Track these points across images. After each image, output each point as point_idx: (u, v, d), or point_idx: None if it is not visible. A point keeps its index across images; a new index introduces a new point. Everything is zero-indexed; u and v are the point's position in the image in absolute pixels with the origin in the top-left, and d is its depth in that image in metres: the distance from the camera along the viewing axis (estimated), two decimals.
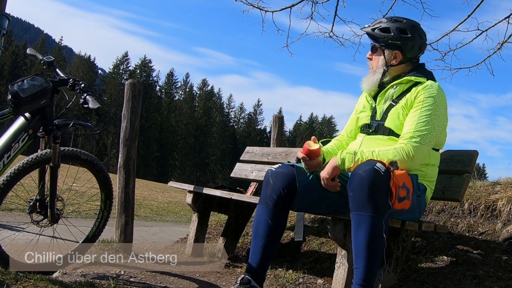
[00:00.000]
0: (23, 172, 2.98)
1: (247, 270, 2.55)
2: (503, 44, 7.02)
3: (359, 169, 2.33)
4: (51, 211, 3.12)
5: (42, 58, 3.10)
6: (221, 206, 4.27)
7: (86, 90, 2.97)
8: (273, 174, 2.64)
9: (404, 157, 2.48)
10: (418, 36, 2.79)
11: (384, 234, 2.29)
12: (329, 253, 3.83)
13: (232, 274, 3.57)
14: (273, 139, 6.05)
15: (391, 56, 2.80)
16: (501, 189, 4.00)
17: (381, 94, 2.84)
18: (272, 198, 2.58)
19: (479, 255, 3.23)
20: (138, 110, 4.10)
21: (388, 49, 2.80)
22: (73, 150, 3.24)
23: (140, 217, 8.98)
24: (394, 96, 2.76)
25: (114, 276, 3.20)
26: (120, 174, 4.05)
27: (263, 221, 2.57)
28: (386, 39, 2.78)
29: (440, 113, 2.62)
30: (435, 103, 2.61)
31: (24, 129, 2.86)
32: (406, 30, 2.77)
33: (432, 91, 2.64)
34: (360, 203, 2.29)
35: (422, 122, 2.56)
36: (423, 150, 2.54)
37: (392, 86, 2.79)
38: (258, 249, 2.55)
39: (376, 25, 2.85)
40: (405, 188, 2.38)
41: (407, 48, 2.77)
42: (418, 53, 2.83)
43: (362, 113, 2.94)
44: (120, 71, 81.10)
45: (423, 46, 2.86)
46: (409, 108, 2.66)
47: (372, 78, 2.85)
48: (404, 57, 2.79)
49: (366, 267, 2.26)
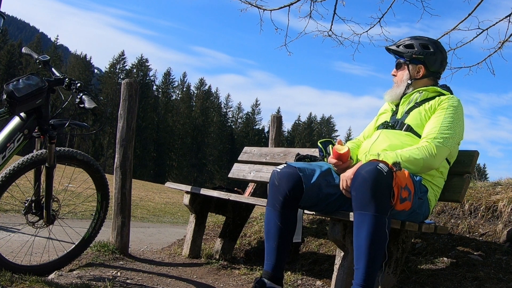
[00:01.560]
0: (19, 173, 2.98)
1: (264, 271, 2.61)
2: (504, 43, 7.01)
3: (362, 169, 2.35)
4: (47, 212, 3.11)
5: (38, 57, 3.09)
6: (218, 207, 4.24)
7: (82, 89, 2.96)
8: (278, 176, 2.67)
9: (427, 155, 2.60)
10: (440, 51, 2.99)
11: (387, 230, 2.30)
12: (328, 255, 3.81)
13: (230, 275, 3.54)
14: (271, 139, 6.04)
15: (415, 70, 3.00)
16: (502, 190, 3.99)
17: (406, 97, 2.99)
18: (279, 200, 2.62)
19: (480, 257, 3.22)
20: (134, 110, 4.08)
21: (412, 64, 3.00)
22: (69, 150, 3.23)
23: (137, 218, 8.95)
24: (419, 100, 2.91)
25: (110, 278, 3.19)
26: (116, 175, 4.02)
27: (273, 223, 2.63)
28: (410, 54, 2.98)
29: (461, 122, 2.77)
30: (457, 112, 2.78)
31: (20, 129, 2.84)
32: (428, 46, 2.97)
33: (455, 102, 2.82)
34: (363, 202, 2.30)
35: (446, 126, 2.71)
36: (445, 152, 2.67)
37: (418, 91, 2.95)
38: (272, 250, 2.62)
39: (400, 42, 3.06)
40: (407, 189, 2.40)
41: (430, 62, 2.97)
42: (440, 68, 3.02)
43: (383, 115, 3.10)
44: (117, 71, 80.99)
45: (444, 61, 3.03)
46: (432, 112, 2.81)
47: (396, 91, 3.04)
48: (427, 71, 2.98)
49: (366, 268, 2.26)
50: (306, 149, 4.05)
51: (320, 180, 2.67)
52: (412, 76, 2.99)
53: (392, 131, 2.88)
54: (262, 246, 4.28)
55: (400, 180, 2.35)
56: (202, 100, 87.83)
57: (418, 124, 2.82)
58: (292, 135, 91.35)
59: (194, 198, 4.10)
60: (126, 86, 4.06)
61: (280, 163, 4.01)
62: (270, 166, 4.31)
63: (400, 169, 2.40)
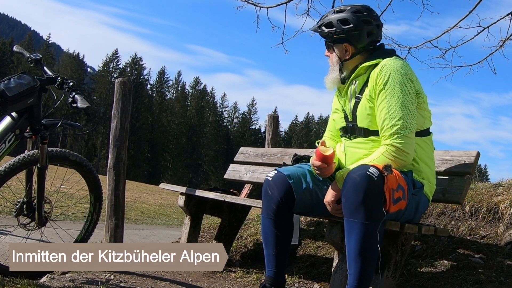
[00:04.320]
0: (10, 174, 2.95)
1: (266, 277, 2.60)
2: (506, 41, 6.93)
3: (353, 174, 2.28)
4: (39, 214, 3.09)
5: (30, 55, 3.09)
6: (214, 209, 4.21)
7: (74, 88, 2.96)
8: (270, 184, 2.62)
9: (397, 156, 2.39)
10: (363, 22, 2.61)
11: (379, 244, 2.24)
12: (325, 257, 3.79)
13: (225, 278, 3.51)
14: (268, 139, 6.00)
15: (342, 51, 2.67)
16: (503, 191, 3.97)
17: (343, 94, 2.73)
18: (272, 209, 2.59)
19: (481, 259, 3.20)
20: (128, 110, 4.05)
21: (337, 44, 2.67)
22: (61, 151, 3.21)
23: (131, 220, 8.92)
24: (357, 92, 2.62)
25: (103, 281, 3.16)
26: (110, 176, 4.00)
27: (269, 231, 2.60)
28: (331, 35, 2.65)
29: (406, 90, 2.45)
30: (396, 82, 2.45)
31: (11, 129, 2.84)
32: (347, 20, 2.61)
33: (387, 70, 2.48)
34: (352, 209, 2.24)
35: (394, 112, 2.41)
36: (410, 140, 2.41)
37: (352, 82, 2.66)
38: (272, 257, 2.60)
39: (321, 21, 2.72)
40: (400, 188, 2.32)
41: (354, 39, 2.62)
42: (368, 40, 2.64)
43: (335, 115, 2.83)
44: (110, 69, 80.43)
45: (374, 30, 2.66)
46: (374, 98, 2.52)
47: (332, 76, 2.73)
48: (355, 48, 2.64)
49: (358, 273, 2.25)
50: (303, 150, 4.01)
51: (312, 184, 2.63)
52: (341, 58, 2.67)
53: (354, 141, 2.64)
54: (258, 249, 4.25)
55: (392, 183, 2.26)
56: (197, 99, 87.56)
57: (370, 121, 2.54)
58: (289, 135, 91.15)
59: (189, 199, 4.06)
60: (119, 85, 4.03)
61: (277, 164, 3.99)
62: (267, 167, 4.27)
63: (391, 172, 2.28)
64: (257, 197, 4.73)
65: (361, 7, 2.66)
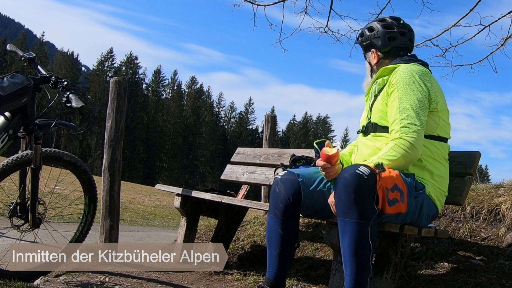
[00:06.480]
0: (3, 175, 2.94)
1: (266, 279, 2.60)
2: (507, 40, 6.92)
3: (344, 173, 2.30)
4: (32, 215, 3.08)
5: (23, 54, 3.08)
6: (210, 210, 4.18)
7: (69, 88, 2.95)
8: (279, 183, 2.65)
9: (405, 150, 2.44)
10: (384, 27, 2.85)
11: (371, 240, 2.25)
12: (324, 259, 3.77)
13: (222, 281, 3.48)
14: (265, 139, 6.01)
15: (371, 57, 2.91)
16: (504, 192, 3.94)
17: (367, 94, 2.90)
18: (280, 208, 2.60)
19: (482, 262, 3.18)
20: (123, 109, 4.09)
21: (367, 51, 2.94)
22: (56, 151, 3.19)
23: (126, 221, 8.91)
24: (376, 91, 2.77)
25: (98, 283, 3.14)
26: (104, 177, 4.02)
27: (274, 231, 2.61)
28: (362, 43, 2.95)
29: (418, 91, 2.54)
30: (409, 83, 2.56)
31: (4, 129, 2.83)
32: (372, 27, 2.89)
33: (403, 72, 2.61)
34: (344, 208, 2.26)
35: (404, 109, 2.52)
36: (419, 135, 2.48)
37: (374, 82, 2.83)
38: (274, 257, 2.60)
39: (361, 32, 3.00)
40: (397, 190, 2.31)
41: (377, 45, 2.86)
42: (388, 45, 2.84)
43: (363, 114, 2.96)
44: (105, 68, 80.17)
45: (396, 35, 2.84)
46: (388, 95, 2.64)
47: (366, 80, 2.97)
48: (381, 53, 2.87)
49: (354, 274, 2.25)
50: (301, 150, 4.00)
51: (321, 187, 2.64)
52: (371, 63, 2.91)
53: (364, 138, 2.77)
54: (255, 251, 4.22)
55: (386, 182, 2.27)
56: (193, 99, 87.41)
57: (381, 116, 2.66)
58: (287, 135, 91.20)
59: (185, 200, 4.03)
60: (114, 84, 4.05)
61: (274, 165, 3.97)
62: (264, 167, 4.24)
63: (383, 170, 2.31)
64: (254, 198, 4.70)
65: (389, 17, 2.93)
